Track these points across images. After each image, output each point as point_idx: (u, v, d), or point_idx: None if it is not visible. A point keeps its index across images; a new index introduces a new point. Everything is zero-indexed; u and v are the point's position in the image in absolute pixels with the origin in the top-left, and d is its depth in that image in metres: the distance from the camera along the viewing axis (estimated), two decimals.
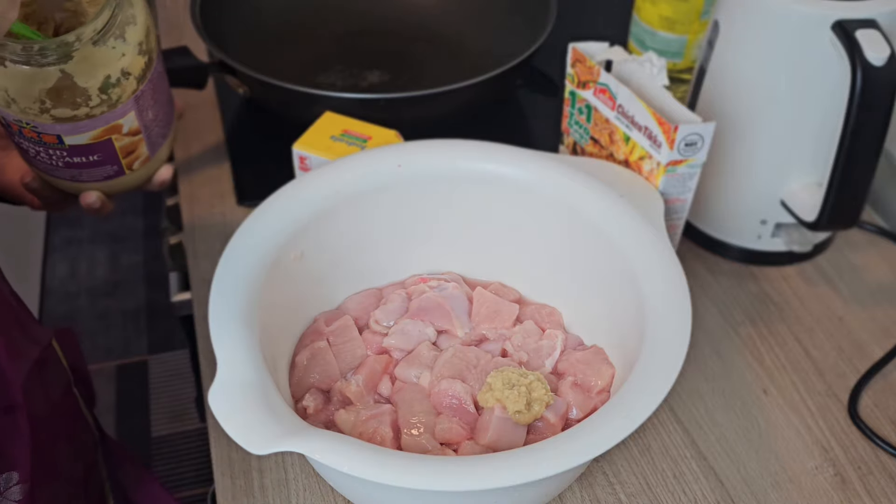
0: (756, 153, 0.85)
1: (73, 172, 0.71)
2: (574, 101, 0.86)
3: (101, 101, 0.66)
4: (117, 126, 0.68)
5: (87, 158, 0.69)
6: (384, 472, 0.56)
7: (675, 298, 0.67)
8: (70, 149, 0.68)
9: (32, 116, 0.65)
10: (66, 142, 0.67)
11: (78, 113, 0.65)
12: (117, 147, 0.70)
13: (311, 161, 0.84)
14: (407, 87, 0.95)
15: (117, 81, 0.66)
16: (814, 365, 0.82)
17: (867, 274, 0.91)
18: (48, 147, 0.68)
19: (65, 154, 0.69)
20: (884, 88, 0.74)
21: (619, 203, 0.75)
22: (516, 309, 0.77)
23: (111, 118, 0.67)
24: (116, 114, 0.67)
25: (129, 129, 0.69)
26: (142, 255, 2.26)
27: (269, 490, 0.71)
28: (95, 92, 0.65)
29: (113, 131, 0.68)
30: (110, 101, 0.66)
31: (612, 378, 0.71)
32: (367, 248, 0.79)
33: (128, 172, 0.73)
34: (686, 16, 1.01)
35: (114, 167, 0.71)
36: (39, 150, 0.69)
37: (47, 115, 0.65)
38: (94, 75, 0.64)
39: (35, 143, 0.68)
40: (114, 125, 0.68)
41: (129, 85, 0.67)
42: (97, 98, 0.65)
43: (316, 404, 0.70)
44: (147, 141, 0.72)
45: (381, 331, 0.76)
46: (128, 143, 0.70)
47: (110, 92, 0.66)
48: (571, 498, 0.71)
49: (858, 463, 0.75)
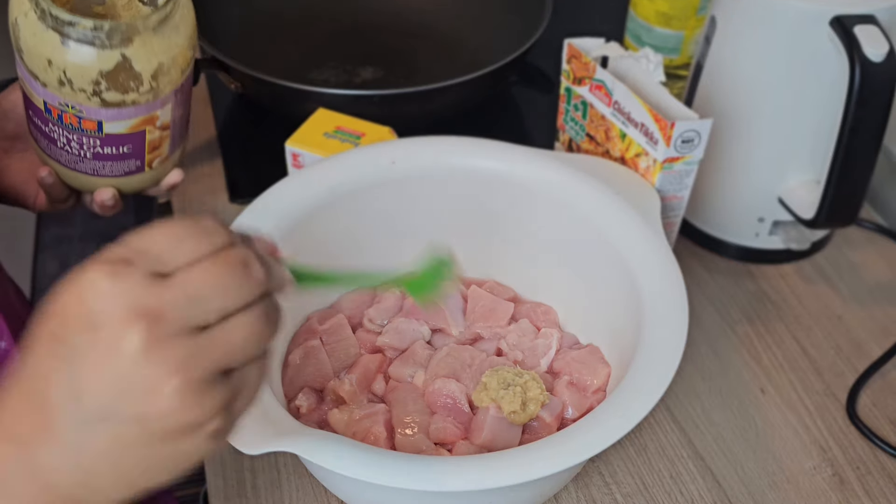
0: (753, 150, 0.85)
1: (97, 165, 0.72)
2: (570, 98, 0.85)
3: (150, 87, 0.67)
4: (154, 117, 0.70)
5: (117, 150, 0.71)
6: (378, 472, 0.55)
7: (671, 297, 0.67)
8: (106, 137, 0.70)
9: (82, 100, 0.67)
10: (105, 129, 0.69)
11: (126, 98, 0.67)
12: (147, 140, 0.71)
13: (305, 158, 0.84)
14: (401, 84, 0.95)
15: (167, 71, 0.68)
16: (812, 364, 0.82)
17: (866, 272, 0.91)
18: (83, 135, 0.69)
19: (97, 143, 0.70)
20: (882, 84, 0.73)
21: (616, 200, 0.74)
22: (511, 307, 0.77)
23: (152, 108, 0.69)
24: (157, 104, 0.69)
25: (163, 123, 0.71)
26: None
27: (261, 490, 0.71)
28: (148, 78, 0.67)
29: (150, 122, 0.70)
30: (157, 89, 0.68)
31: (607, 377, 0.71)
32: (360, 246, 0.79)
33: (147, 170, 0.74)
34: (683, 11, 1.01)
35: (137, 162, 0.73)
36: (72, 138, 0.70)
37: (97, 98, 0.67)
38: (150, 62, 0.66)
39: (70, 131, 0.69)
40: (152, 116, 0.70)
41: (175, 76, 0.69)
42: (147, 85, 0.67)
43: (309, 404, 0.69)
44: (171, 139, 0.74)
45: (374, 329, 0.75)
46: (157, 138, 0.72)
47: (159, 80, 0.68)
48: (567, 498, 0.71)
49: (857, 463, 0.74)
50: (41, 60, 0.65)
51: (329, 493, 0.70)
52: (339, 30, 1.18)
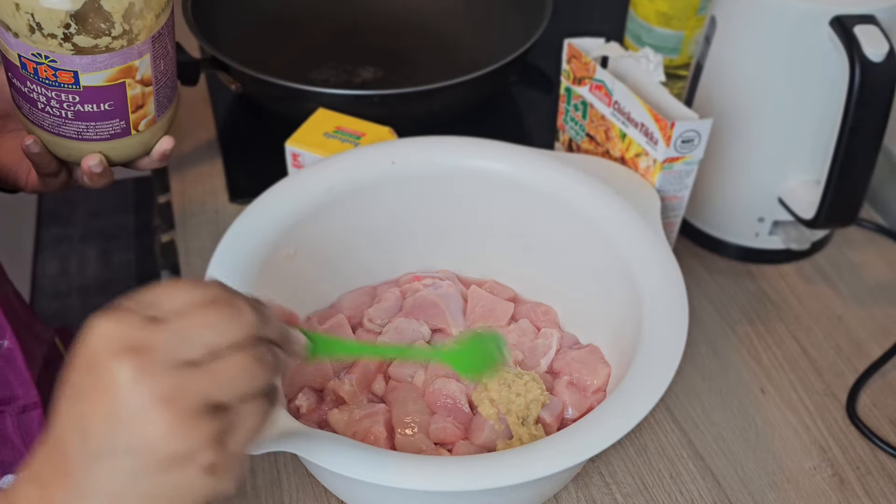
0: (753, 150, 0.85)
1: (80, 127, 0.71)
2: (570, 98, 0.85)
3: (122, 31, 0.67)
4: (133, 68, 0.69)
5: (98, 107, 0.70)
6: (377, 472, 0.55)
7: (671, 297, 0.67)
8: (84, 92, 0.69)
9: (54, 47, 0.66)
10: (82, 81, 0.68)
11: (99, 42, 0.66)
12: (129, 96, 0.70)
13: (304, 158, 0.84)
14: (401, 84, 0.95)
15: (140, 13, 0.67)
16: (812, 364, 0.82)
17: (866, 272, 0.91)
18: (61, 90, 0.68)
19: (77, 100, 0.69)
20: (882, 84, 0.73)
21: (616, 200, 0.74)
22: (511, 307, 0.77)
23: (129, 56, 0.68)
24: (134, 52, 0.68)
25: (143, 76, 0.70)
26: (133, 253, 2.25)
27: (261, 490, 0.71)
28: (119, 18, 0.66)
29: (128, 73, 0.69)
30: (131, 34, 0.67)
31: (607, 377, 0.71)
32: (360, 246, 0.79)
33: (133, 133, 0.73)
34: (683, 11, 1.01)
35: (122, 122, 0.72)
36: (51, 96, 0.69)
37: (69, 44, 0.66)
38: (120, 0, 0.65)
39: (48, 87, 0.68)
40: (130, 66, 0.69)
41: (149, 20, 0.68)
42: (119, 27, 0.66)
43: (309, 403, 0.69)
44: (155, 98, 0.73)
45: (374, 329, 0.75)
46: (139, 94, 0.71)
47: (132, 23, 0.67)
48: (567, 498, 0.71)
49: (857, 463, 0.74)
50: (9, 4, 0.64)
51: (329, 493, 0.70)
52: (339, 30, 1.18)
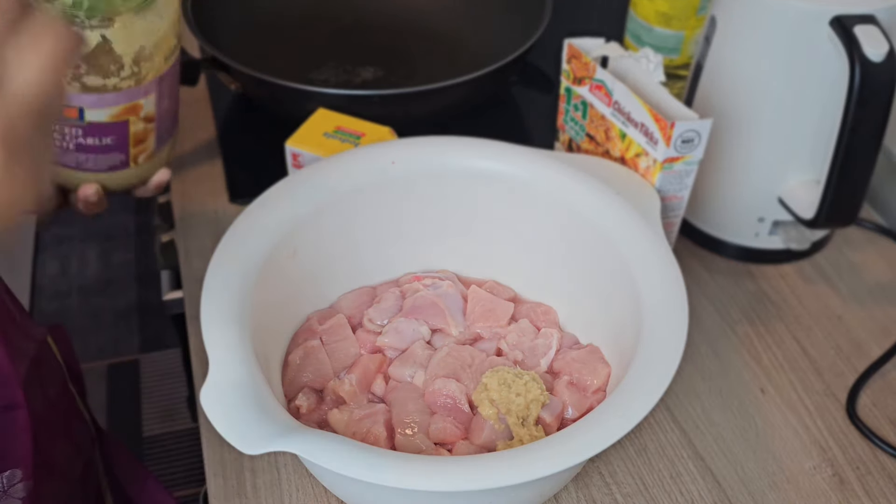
0: (753, 150, 0.85)
1: (80, 158, 0.71)
2: (570, 98, 0.85)
3: (131, 73, 0.67)
4: (137, 106, 0.70)
5: (100, 140, 0.70)
6: (378, 472, 0.55)
7: (671, 297, 0.67)
8: (87, 127, 0.69)
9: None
10: (87, 117, 0.68)
11: (107, 83, 0.67)
12: (131, 132, 0.71)
13: (304, 158, 0.84)
14: (401, 84, 0.95)
15: (149, 56, 0.68)
16: (812, 364, 0.82)
17: (866, 272, 0.91)
18: (65, 123, 0.69)
19: (80, 133, 0.69)
20: (882, 84, 0.73)
21: (616, 200, 0.74)
22: (511, 307, 0.77)
23: (135, 95, 0.69)
24: (140, 91, 0.69)
25: (146, 114, 0.71)
26: (133, 253, 2.26)
27: (261, 490, 0.71)
28: (129, 62, 0.67)
29: (132, 112, 0.70)
30: (139, 75, 0.68)
31: (607, 377, 0.71)
32: (360, 246, 0.79)
33: (132, 165, 0.73)
34: (683, 11, 1.01)
35: (121, 156, 0.72)
36: (55, 127, 0.69)
37: (77, 82, 0.66)
38: (131, 44, 0.66)
39: None
40: (135, 104, 0.69)
41: (158, 63, 0.69)
42: (129, 69, 0.67)
43: (309, 404, 0.69)
44: (156, 133, 0.73)
45: (374, 329, 0.75)
46: (141, 130, 0.71)
47: (141, 65, 0.67)
48: (567, 498, 0.71)
49: (857, 463, 0.74)
50: None
51: (329, 493, 0.70)
52: (339, 30, 1.18)
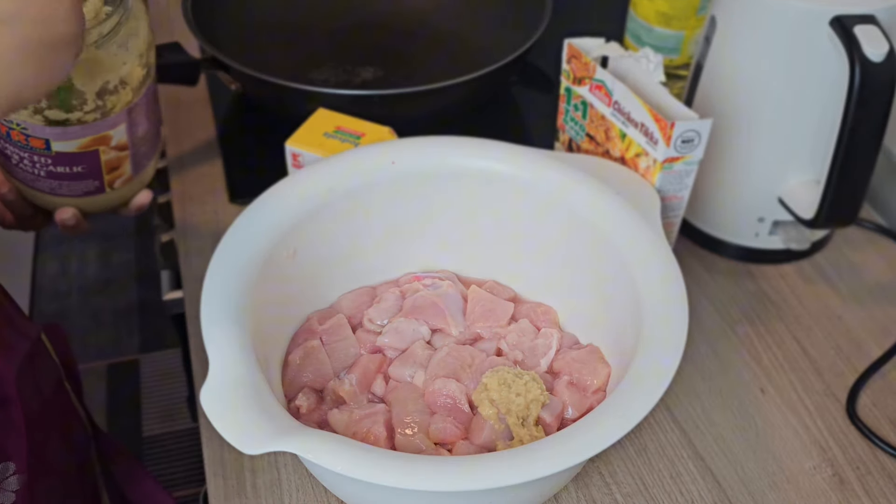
0: (753, 150, 0.85)
1: (54, 184, 0.70)
2: (570, 98, 0.85)
3: (95, 107, 0.65)
4: (106, 137, 0.68)
5: (70, 169, 0.69)
6: (378, 472, 0.55)
7: (671, 297, 0.67)
8: (56, 156, 0.67)
9: (25, 117, 0.65)
10: (54, 148, 0.67)
11: (71, 117, 0.65)
12: (103, 160, 0.69)
13: (304, 158, 0.84)
14: (401, 84, 0.95)
15: (114, 89, 0.66)
16: (812, 364, 0.82)
17: (866, 272, 0.91)
18: (33, 153, 0.67)
19: (49, 162, 0.68)
20: (882, 84, 0.73)
21: (616, 200, 0.74)
22: (511, 307, 0.77)
23: (102, 128, 0.67)
24: (108, 124, 0.67)
25: (118, 143, 0.69)
26: (133, 253, 2.26)
27: (261, 490, 0.70)
28: (92, 97, 0.65)
29: (101, 142, 0.68)
30: (104, 108, 0.66)
31: (607, 377, 0.71)
32: (360, 246, 0.79)
33: (108, 190, 0.72)
34: (683, 11, 1.01)
35: (95, 182, 0.71)
36: (24, 155, 0.68)
37: (40, 115, 0.65)
38: (93, 79, 0.64)
39: (21, 148, 0.67)
40: (103, 136, 0.68)
41: (125, 95, 0.67)
42: (92, 103, 0.65)
43: (309, 404, 0.69)
44: (132, 159, 0.71)
45: (374, 329, 0.75)
46: (113, 158, 0.70)
47: (106, 99, 0.66)
48: (567, 498, 0.71)
49: (857, 463, 0.74)
50: None
51: (329, 493, 0.70)
52: (339, 30, 1.18)
